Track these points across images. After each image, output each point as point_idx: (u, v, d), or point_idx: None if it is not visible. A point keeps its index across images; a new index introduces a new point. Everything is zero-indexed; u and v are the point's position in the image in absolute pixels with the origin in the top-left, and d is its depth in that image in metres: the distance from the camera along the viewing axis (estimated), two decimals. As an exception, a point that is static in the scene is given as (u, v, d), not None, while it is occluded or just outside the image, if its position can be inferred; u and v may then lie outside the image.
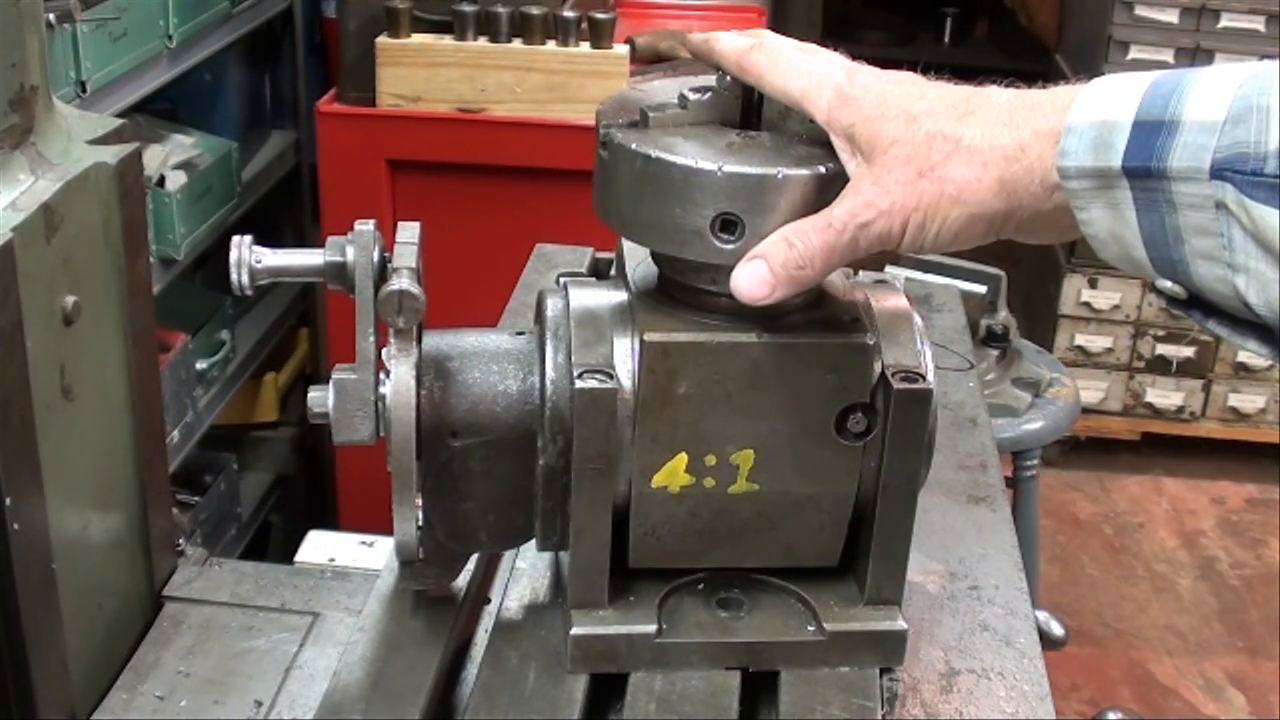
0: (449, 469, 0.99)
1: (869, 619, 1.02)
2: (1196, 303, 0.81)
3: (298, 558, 1.48)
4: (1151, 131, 0.77)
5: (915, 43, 5.32)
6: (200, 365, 2.68)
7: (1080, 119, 0.80)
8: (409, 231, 0.98)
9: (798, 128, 0.96)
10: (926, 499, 1.04)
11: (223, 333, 2.81)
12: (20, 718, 1.05)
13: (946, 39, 5.40)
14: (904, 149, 0.85)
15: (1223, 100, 0.75)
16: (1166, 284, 0.80)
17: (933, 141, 0.84)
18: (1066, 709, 3.04)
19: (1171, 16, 3.75)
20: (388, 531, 1.00)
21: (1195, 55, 3.75)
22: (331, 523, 2.84)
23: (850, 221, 0.87)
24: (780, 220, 0.91)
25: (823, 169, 0.91)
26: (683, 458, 0.97)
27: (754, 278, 0.90)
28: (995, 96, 0.86)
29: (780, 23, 4.05)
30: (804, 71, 0.91)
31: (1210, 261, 0.77)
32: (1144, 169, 0.77)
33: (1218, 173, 0.74)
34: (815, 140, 0.93)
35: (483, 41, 2.54)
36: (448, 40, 2.54)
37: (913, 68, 0.91)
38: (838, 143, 0.89)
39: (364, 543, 1.49)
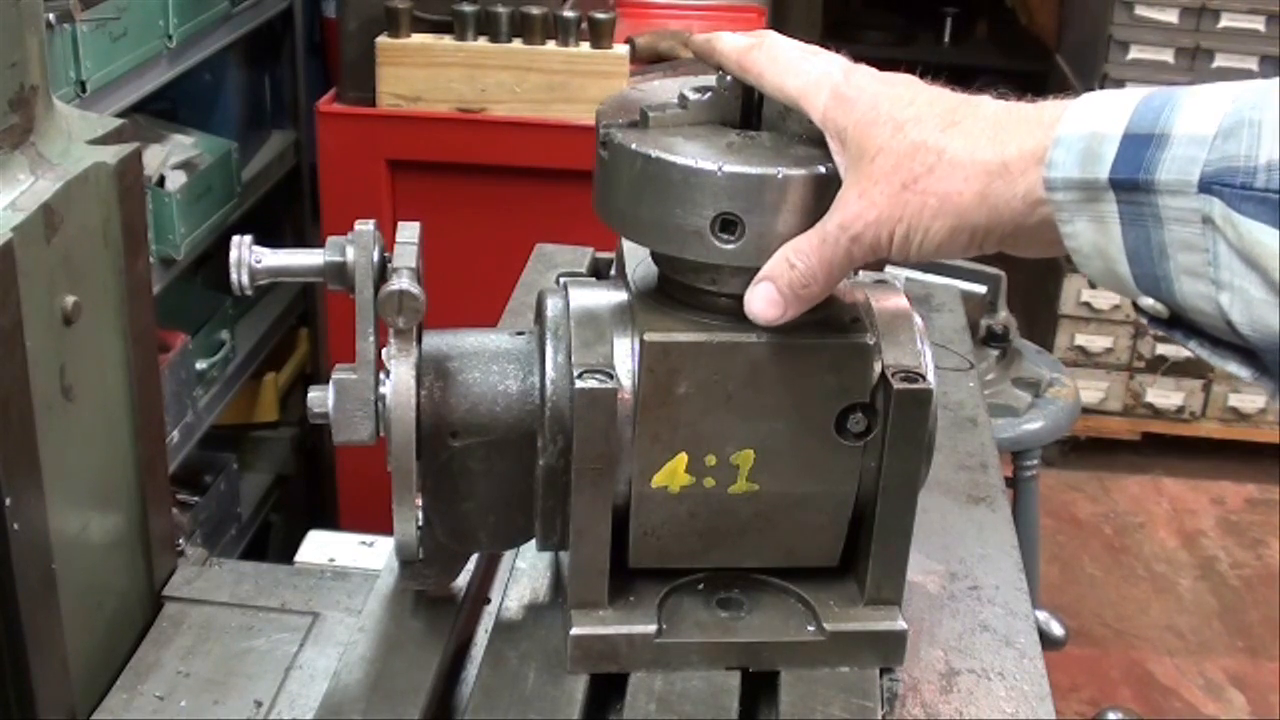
0: (449, 469, 0.99)
1: (869, 619, 1.02)
2: (1178, 322, 0.79)
3: (298, 558, 1.49)
4: (1141, 144, 0.76)
5: (915, 43, 5.32)
6: (200, 365, 2.68)
7: (1069, 131, 0.79)
8: (409, 231, 0.98)
9: (798, 128, 0.96)
10: (926, 499, 1.04)
11: (223, 333, 2.81)
12: (20, 718, 1.05)
13: (946, 39, 5.40)
14: (889, 159, 0.85)
15: (1215, 115, 0.74)
16: (1148, 302, 0.79)
17: (916, 152, 0.84)
18: (1066, 709, 3.04)
19: (1171, 16, 3.75)
20: (388, 531, 1.00)
21: (1195, 55, 3.75)
22: (331, 523, 2.84)
23: (842, 235, 0.88)
24: (780, 220, 0.91)
25: (822, 169, 0.91)
26: (683, 458, 0.97)
27: (765, 300, 0.92)
28: (983, 108, 0.85)
29: (780, 23, 4.04)
30: (802, 70, 0.91)
31: (1194, 278, 0.75)
32: (1131, 181, 0.76)
33: (1206, 186, 0.73)
34: (815, 140, 0.93)
35: (483, 41, 2.54)
36: (448, 40, 2.54)
37: (912, 68, 0.92)
38: (831, 142, 0.90)
39: (364, 543, 1.50)
